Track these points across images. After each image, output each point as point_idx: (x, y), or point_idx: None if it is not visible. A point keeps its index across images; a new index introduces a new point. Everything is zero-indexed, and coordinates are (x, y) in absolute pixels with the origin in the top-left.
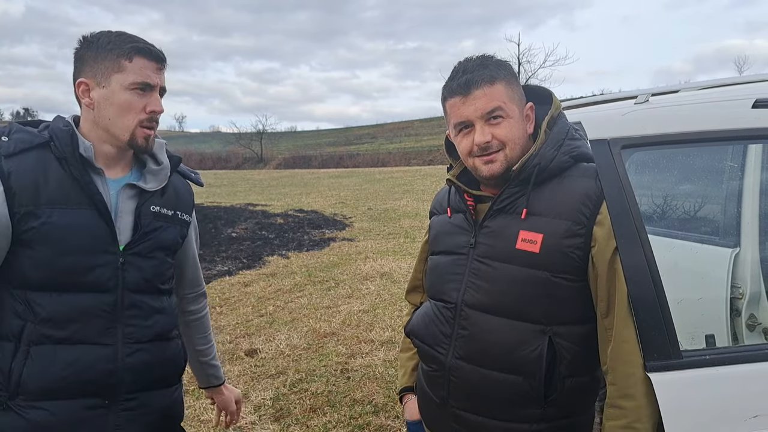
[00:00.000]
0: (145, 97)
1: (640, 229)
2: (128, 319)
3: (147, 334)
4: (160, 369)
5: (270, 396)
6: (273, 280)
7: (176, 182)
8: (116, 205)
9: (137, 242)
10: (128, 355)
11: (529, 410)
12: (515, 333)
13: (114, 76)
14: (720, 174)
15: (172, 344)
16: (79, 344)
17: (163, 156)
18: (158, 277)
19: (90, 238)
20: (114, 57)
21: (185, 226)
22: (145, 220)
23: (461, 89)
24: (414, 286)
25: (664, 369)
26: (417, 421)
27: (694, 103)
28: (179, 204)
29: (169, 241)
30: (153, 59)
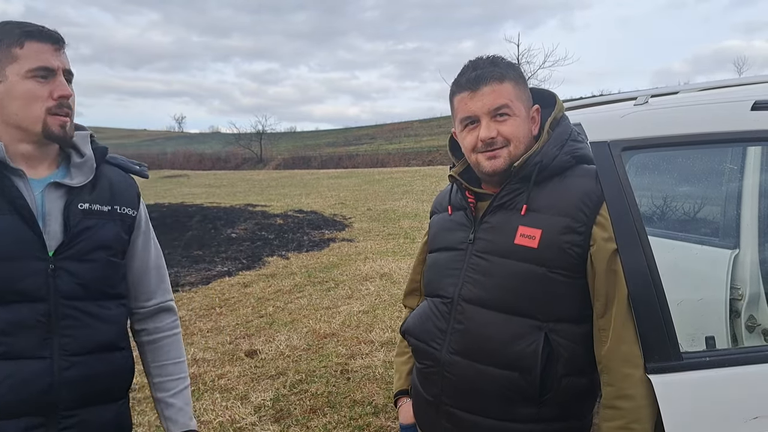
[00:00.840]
0: (48, 84)
1: (641, 231)
2: (64, 329)
3: (86, 346)
4: (103, 383)
5: (270, 397)
6: (273, 281)
7: (111, 175)
8: (42, 208)
9: (68, 245)
10: (65, 369)
11: (524, 409)
12: (511, 327)
13: (8, 68)
14: (719, 176)
15: (117, 355)
16: (14, 359)
17: (87, 147)
18: (101, 280)
19: (14, 245)
20: (4, 48)
21: (129, 220)
22: (73, 219)
23: (470, 84)
24: (411, 290)
25: (665, 371)
26: (411, 424)
27: (694, 104)
28: (116, 198)
29: (108, 239)
30: (47, 41)
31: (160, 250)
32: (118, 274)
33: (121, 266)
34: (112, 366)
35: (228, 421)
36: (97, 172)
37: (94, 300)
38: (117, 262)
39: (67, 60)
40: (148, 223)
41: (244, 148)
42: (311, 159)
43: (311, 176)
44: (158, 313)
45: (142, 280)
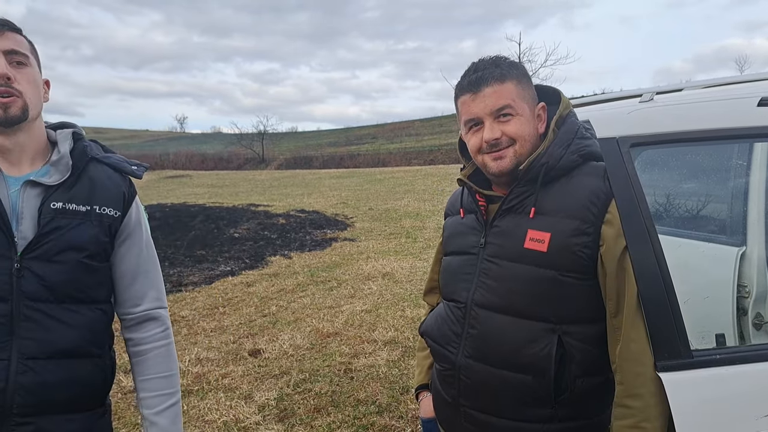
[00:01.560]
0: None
1: (650, 228)
2: (25, 331)
3: (46, 350)
4: (64, 391)
5: (274, 396)
6: (276, 280)
7: (96, 174)
8: (16, 206)
9: (36, 245)
10: (20, 373)
11: (540, 410)
12: (524, 332)
13: None
14: (726, 172)
15: (85, 362)
16: None
17: (65, 145)
18: (69, 283)
19: None
20: None
21: (109, 221)
22: (44, 218)
23: (471, 87)
24: (431, 288)
25: (675, 369)
26: (431, 418)
27: (701, 101)
28: (95, 197)
29: (82, 240)
30: None
31: (153, 254)
32: (92, 278)
33: (98, 269)
34: (77, 374)
35: (232, 420)
36: (81, 170)
37: (60, 303)
38: (92, 264)
39: (15, 41)
40: (140, 226)
41: (246, 149)
42: (313, 159)
43: (313, 176)
44: (145, 321)
45: (130, 285)
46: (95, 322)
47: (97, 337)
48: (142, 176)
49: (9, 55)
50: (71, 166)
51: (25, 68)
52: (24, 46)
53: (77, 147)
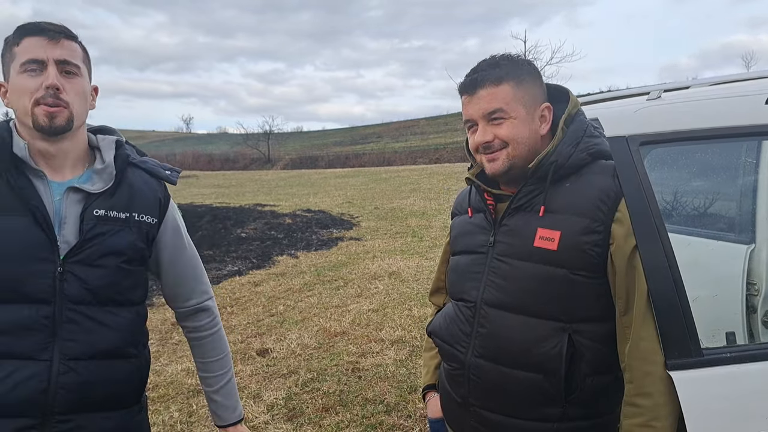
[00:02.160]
0: (40, 76)
1: (660, 227)
2: (67, 333)
3: (87, 351)
4: (103, 390)
5: (282, 395)
6: (283, 280)
7: (136, 180)
8: (60, 211)
9: (78, 250)
10: (63, 373)
11: (550, 409)
12: (534, 330)
13: (11, 67)
14: (735, 170)
15: (122, 362)
16: (14, 359)
17: (109, 154)
18: (110, 287)
19: (22, 247)
20: (8, 48)
21: (146, 228)
22: (87, 225)
23: (467, 88)
24: (437, 288)
25: (685, 367)
26: (439, 419)
27: (709, 99)
28: (134, 205)
29: (121, 246)
30: (40, 34)
31: (194, 251)
32: (129, 281)
33: (134, 273)
34: (116, 373)
35: None
36: (121, 177)
37: (101, 306)
38: (129, 269)
39: (69, 50)
40: (178, 230)
41: (252, 149)
42: (318, 158)
43: (319, 176)
44: (196, 313)
45: (181, 285)
46: (132, 323)
47: (134, 337)
48: (176, 182)
49: (61, 64)
50: (114, 175)
51: (75, 78)
52: (77, 55)
53: (119, 155)
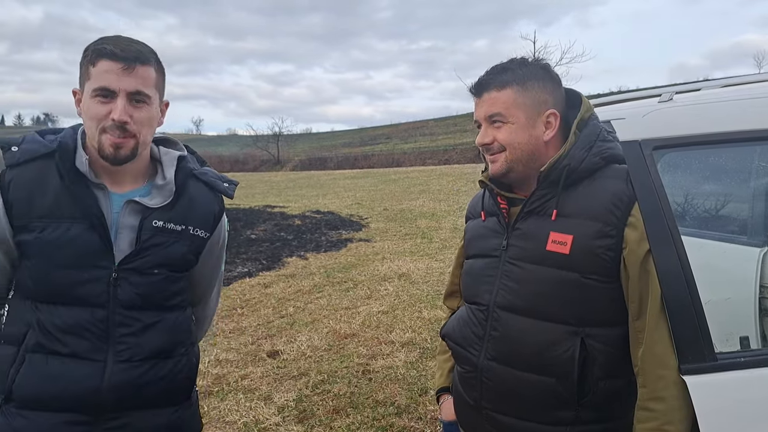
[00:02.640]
0: (109, 104)
1: (674, 231)
2: (120, 336)
3: (139, 353)
4: (153, 389)
5: (293, 397)
6: (292, 281)
7: (195, 193)
8: (116, 220)
9: (134, 258)
10: (115, 374)
11: (563, 412)
12: (546, 334)
13: (85, 85)
14: (748, 173)
15: (172, 362)
16: (69, 358)
17: (170, 170)
18: (159, 293)
19: (80, 252)
20: (85, 63)
21: (198, 242)
22: (145, 235)
23: (474, 91)
24: (451, 291)
25: (699, 372)
26: (453, 421)
27: (722, 101)
28: (191, 219)
29: (175, 257)
30: (116, 60)
31: (220, 273)
32: (176, 286)
33: (181, 279)
34: (165, 373)
35: (252, 421)
36: (181, 190)
37: (151, 310)
38: (177, 275)
39: (142, 79)
40: (223, 248)
41: (261, 150)
42: (327, 160)
43: (328, 177)
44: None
45: (201, 299)
46: (179, 325)
47: (181, 338)
48: (233, 196)
49: (132, 95)
50: (173, 191)
51: (144, 107)
52: (149, 81)
53: (180, 169)
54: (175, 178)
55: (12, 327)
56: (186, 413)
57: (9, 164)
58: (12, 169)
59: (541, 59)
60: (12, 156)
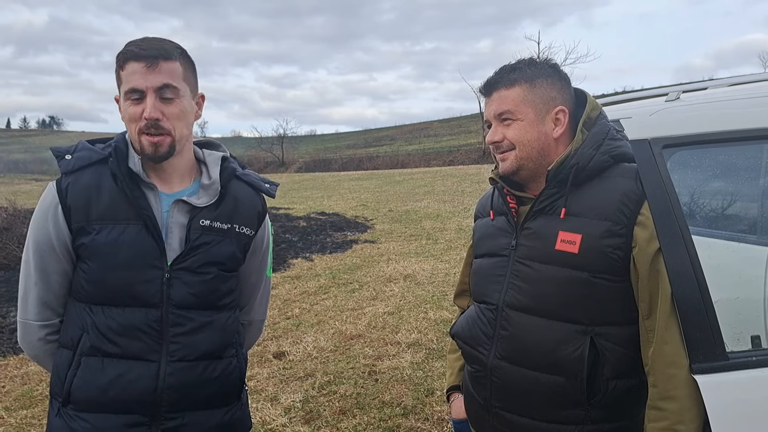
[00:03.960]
0: (141, 105)
1: (684, 230)
2: (174, 336)
3: (192, 353)
4: (206, 389)
5: (299, 398)
6: (298, 283)
7: (239, 193)
8: (166, 220)
9: (184, 257)
10: (170, 374)
11: (572, 412)
12: (556, 333)
13: (120, 89)
14: (757, 171)
15: (224, 363)
16: (125, 359)
17: (215, 170)
18: (211, 292)
19: (136, 253)
20: (117, 70)
21: (245, 240)
22: (193, 234)
23: (484, 90)
24: (461, 291)
25: (711, 371)
26: (463, 420)
27: (730, 99)
28: (236, 217)
29: (224, 255)
30: (139, 60)
31: (267, 275)
32: (226, 286)
33: (230, 279)
34: (217, 373)
35: (259, 422)
36: (225, 190)
37: (202, 309)
38: (227, 275)
39: (167, 74)
40: (269, 247)
41: (266, 152)
42: (332, 161)
43: (332, 178)
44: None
45: (246, 301)
46: (230, 325)
47: (231, 338)
48: (275, 195)
49: (160, 90)
50: (218, 191)
51: (174, 102)
52: (176, 75)
53: (224, 168)
54: (220, 177)
55: (67, 331)
56: (238, 413)
57: (65, 171)
58: (68, 176)
59: (549, 59)
60: (67, 164)
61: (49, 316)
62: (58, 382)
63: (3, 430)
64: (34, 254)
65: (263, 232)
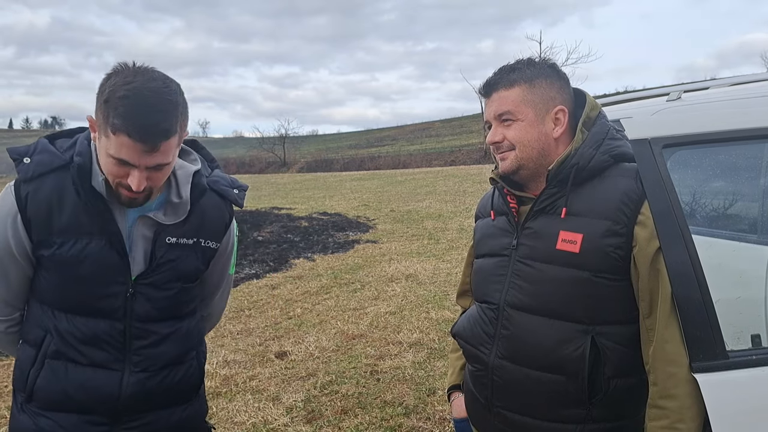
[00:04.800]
0: (126, 169)
1: (684, 229)
2: (137, 348)
3: (155, 363)
4: (167, 394)
5: (301, 398)
6: (300, 283)
7: (207, 206)
8: (130, 235)
9: (150, 274)
10: (133, 383)
11: (574, 411)
12: (557, 332)
13: (102, 138)
14: (758, 171)
15: (185, 367)
16: (89, 366)
17: (185, 189)
18: (175, 306)
19: (99, 268)
20: (103, 117)
21: (210, 253)
22: (159, 251)
23: (483, 91)
24: (463, 291)
25: (711, 369)
26: (464, 419)
27: (731, 99)
28: (202, 231)
29: (188, 271)
30: (138, 142)
31: (228, 276)
32: (188, 296)
33: (192, 289)
34: (178, 378)
35: (261, 422)
36: (194, 206)
37: (163, 321)
38: (189, 287)
39: (164, 154)
40: (231, 254)
41: (267, 152)
42: (334, 161)
43: (334, 178)
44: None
45: (207, 299)
46: (192, 330)
47: (192, 343)
48: (243, 205)
49: (151, 168)
50: (188, 210)
51: (164, 169)
52: (170, 151)
53: (195, 185)
54: (190, 195)
55: (30, 328)
56: (196, 405)
57: (23, 179)
58: (27, 183)
59: (548, 59)
60: (26, 169)
61: (9, 312)
62: (21, 377)
63: (4, 429)
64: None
65: (227, 239)
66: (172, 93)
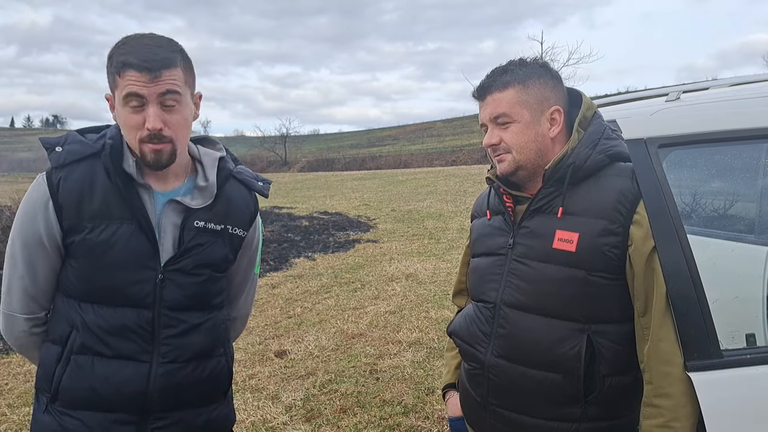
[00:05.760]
0: (142, 112)
1: (679, 229)
2: (165, 338)
3: (184, 354)
4: (196, 389)
5: (300, 397)
6: (300, 282)
7: (233, 193)
8: (159, 220)
9: (178, 258)
10: (161, 375)
11: (570, 409)
12: (553, 331)
13: (116, 93)
14: (755, 171)
15: (213, 362)
16: (115, 359)
17: (212, 172)
18: (203, 294)
19: (129, 253)
20: (111, 72)
21: (237, 241)
22: (187, 235)
23: (477, 95)
24: (459, 290)
25: (705, 368)
26: (459, 417)
27: (729, 100)
28: (230, 218)
29: (217, 257)
30: (141, 71)
31: (254, 274)
32: (217, 286)
33: (221, 279)
34: (207, 373)
35: (260, 420)
36: (220, 190)
37: (193, 310)
38: (217, 276)
39: (168, 83)
40: (257, 250)
41: (269, 151)
42: (335, 161)
43: (335, 178)
44: (235, 319)
45: (233, 301)
46: (219, 324)
47: (221, 337)
48: (268, 195)
49: (162, 97)
50: (214, 193)
51: (176, 108)
52: (178, 81)
53: (221, 169)
54: (216, 179)
55: (55, 326)
56: (224, 409)
57: (55, 165)
58: (59, 169)
59: (539, 58)
60: (58, 156)
61: (34, 310)
62: (46, 377)
63: (6, 427)
64: (22, 248)
65: (254, 231)
66: (171, 40)
